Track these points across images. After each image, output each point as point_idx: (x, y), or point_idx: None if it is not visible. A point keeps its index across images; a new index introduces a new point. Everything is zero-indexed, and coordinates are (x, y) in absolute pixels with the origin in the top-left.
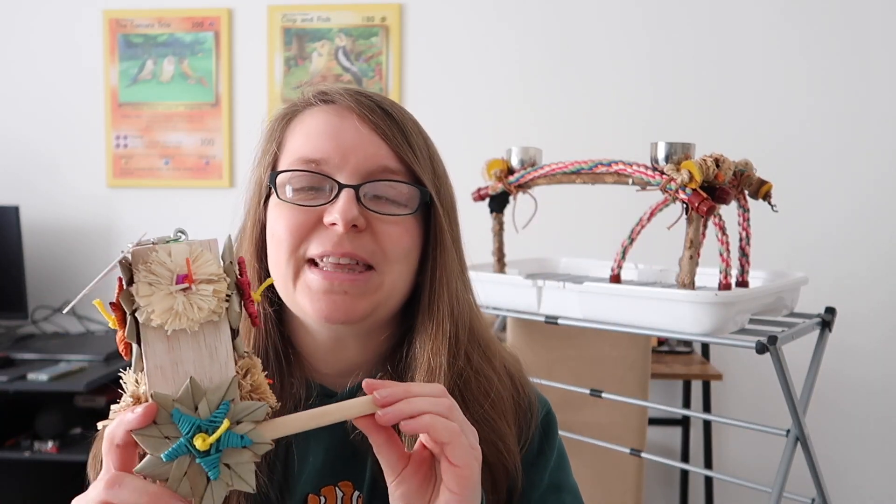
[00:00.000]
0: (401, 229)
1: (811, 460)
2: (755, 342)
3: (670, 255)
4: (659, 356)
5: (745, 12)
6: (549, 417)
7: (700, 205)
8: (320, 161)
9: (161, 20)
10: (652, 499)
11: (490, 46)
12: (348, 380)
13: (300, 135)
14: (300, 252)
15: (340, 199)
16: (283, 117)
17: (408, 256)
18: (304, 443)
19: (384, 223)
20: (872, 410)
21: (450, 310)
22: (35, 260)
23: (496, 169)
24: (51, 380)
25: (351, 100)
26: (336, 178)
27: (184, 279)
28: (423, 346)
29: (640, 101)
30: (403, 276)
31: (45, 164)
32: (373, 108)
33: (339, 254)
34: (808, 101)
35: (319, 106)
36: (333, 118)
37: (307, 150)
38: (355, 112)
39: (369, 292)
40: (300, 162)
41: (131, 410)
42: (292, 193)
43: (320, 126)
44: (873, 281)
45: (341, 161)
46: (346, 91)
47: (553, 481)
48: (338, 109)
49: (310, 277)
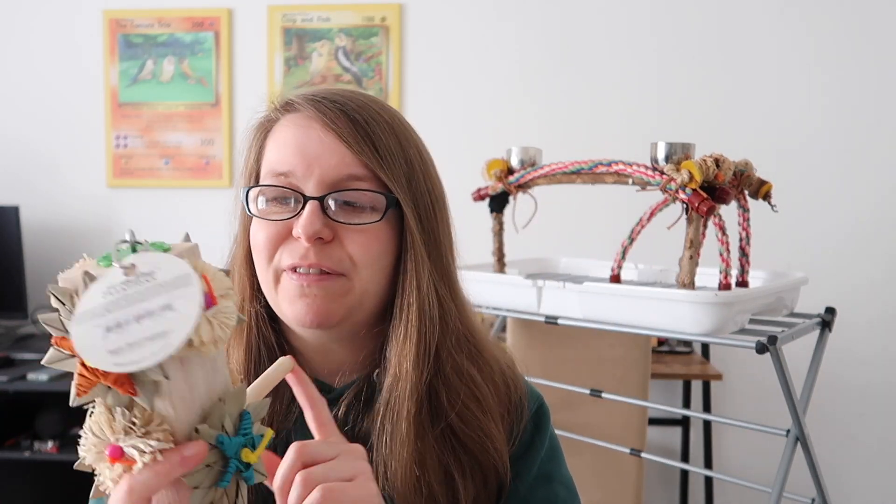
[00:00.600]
0: (368, 236)
1: (811, 460)
2: (755, 342)
3: (670, 255)
4: (659, 356)
5: (748, 12)
6: (542, 411)
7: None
8: (288, 174)
9: (161, 20)
10: (652, 499)
11: (490, 46)
12: (342, 378)
13: (273, 148)
14: (275, 262)
15: (304, 213)
16: (260, 128)
17: (378, 261)
18: (302, 434)
19: (351, 231)
20: (872, 411)
21: (418, 315)
22: (35, 260)
23: (496, 169)
24: (51, 380)
25: (312, 108)
26: (303, 190)
27: (211, 301)
28: (392, 352)
29: (640, 101)
30: (375, 280)
31: (45, 164)
32: (336, 115)
33: (306, 265)
34: (810, 102)
35: (287, 116)
36: (298, 129)
37: (277, 163)
38: (319, 121)
39: (340, 296)
40: (271, 175)
41: (179, 455)
42: (265, 205)
43: (287, 138)
44: (874, 282)
45: (306, 172)
46: (310, 98)
47: (544, 472)
48: (302, 118)
49: (285, 282)
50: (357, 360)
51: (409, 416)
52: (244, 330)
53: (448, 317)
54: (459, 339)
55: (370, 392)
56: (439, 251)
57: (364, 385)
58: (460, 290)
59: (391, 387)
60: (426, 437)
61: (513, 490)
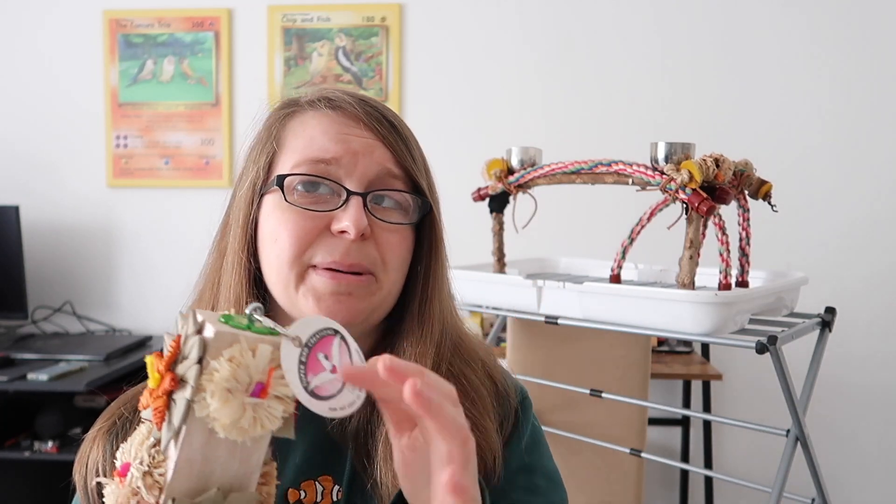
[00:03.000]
0: (400, 238)
1: (811, 460)
2: (755, 342)
3: (670, 255)
4: (659, 356)
5: (749, 12)
6: (525, 403)
7: (700, 205)
8: (330, 161)
9: (161, 20)
10: (652, 499)
11: (490, 46)
12: None
13: (304, 136)
14: (305, 258)
15: (351, 207)
16: (283, 113)
17: (403, 264)
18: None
19: (385, 231)
20: (872, 411)
21: (440, 317)
22: (35, 260)
23: (496, 169)
24: (51, 380)
25: (358, 108)
26: (343, 184)
27: (260, 392)
28: (411, 350)
29: (640, 101)
30: (398, 283)
31: (45, 164)
32: (379, 119)
33: (347, 264)
34: (810, 102)
35: (324, 110)
36: (340, 124)
37: (315, 151)
38: (362, 120)
39: (368, 295)
40: (308, 162)
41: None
42: (298, 197)
43: (327, 130)
44: (874, 282)
45: (350, 165)
46: (353, 98)
47: (524, 463)
48: (344, 116)
49: (316, 280)
50: None
51: None
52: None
53: (448, 318)
54: (453, 339)
55: None
56: (445, 254)
57: None
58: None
59: None
60: None
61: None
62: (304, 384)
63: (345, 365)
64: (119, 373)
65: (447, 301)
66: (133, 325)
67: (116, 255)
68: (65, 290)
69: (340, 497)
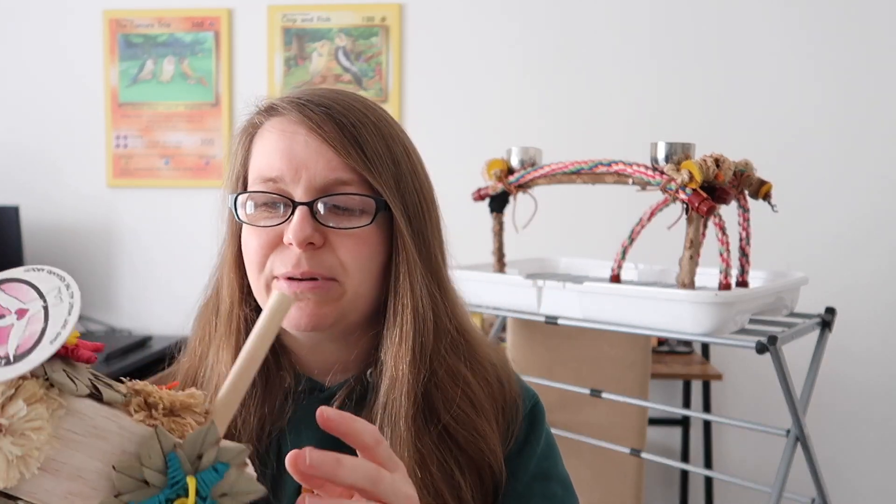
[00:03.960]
0: (358, 241)
1: (811, 460)
2: (755, 342)
3: (670, 255)
4: (659, 356)
5: (749, 12)
6: (536, 409)
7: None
8: (276, 179)
9: (161, 20)
10: (652, 499)
11: (490, 46)
12: (336, 376)
13: (260, 154)
14: (266, 270)
15: (294, 218)
16: (245, 132)
17: (368, 265)
18: (295, 433)
19: (341, 236)
20: (872, 411)
21: (413, 317)
22: (35, 260)
23: (496, 169)
24: None
25: (297, 112)
26: (291, 196)
27: None
28: (388, 354)
29: (640, 101)
30: (367, 283)
31: (45, 164)
32: (322, 119)
33: (299, 273)
34: (810, 102)
35: (271, 120)
36: (284, 134)
37: (264, 168)
38: (305, 125)
39: (332, 300)
40: (259, 181)
41: None
42: (253, 211)
43: (273, 143)
44: (874, 282)
45: (294, 177)
46: (294, 101)
47: (540, 470)
48: (287, 123)
49: (278, 289)
50: (350, 359)
51: (407, 418)
52: (234, 333)
53: (440, 318)
54: (452, 339)
55: (363, 391)
56: (430, 251)
57: (357, 384)
58: (452, 290)
59: (389, 389)
60: (424, 438)
61: (510, 489)
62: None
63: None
64: (119, 373)
65: (433, 297)
66: (133, 325)
67: (116, 255)
68: None
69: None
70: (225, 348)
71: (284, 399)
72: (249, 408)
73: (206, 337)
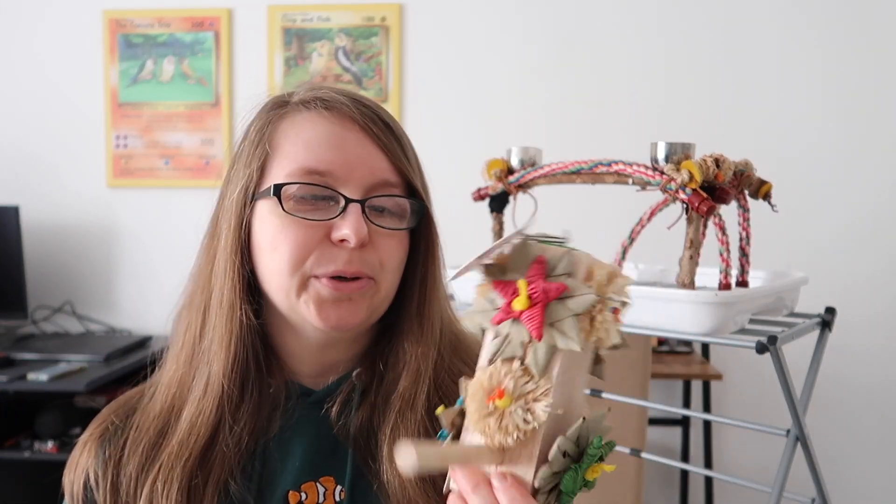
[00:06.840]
0: (397, 242)
1: (811, 460)
2: (755, 342)
3: (670, 255)
4: (659, 356)
5: (750, 13)
6: None
7: (700, 205)
8: (325, 173)
9: (161, 20)
10: (652, 499)
11: (490, 46)
12: (327, 378)
13: (299, 141)
14: (305, 267)
15: (350, 215)
16: (273, 115)
17: (400, 266)
18: (285, 440)
19: (383, 237)
20: (872, 411)
21: (440, 316)
22: (35, 260)
23: (496, 169)
24: (51, 380)
25: (353, 109)
26: (341, 192)
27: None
28: (412, 349)
29: (640, 101)
30: (395, 284)
31: (45, 164)
32: (374, 120)
33: (350, 272)
34: (810, 102)
35: (318, 111)
36: (336, 127)
37: (310, 160)
38: (358, 123)
39: (369, 298)
40: (304, 172)
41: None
42: (294, 205)
43: (322, 135)
44: (874, 281)
45: (346, 174)
46: (348, 99)
47: None
48: (339, 118)
49: (319, 288)
50: (346, 359)
51: (422, 414)
52: (230, 335)
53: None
54: (451, 338)
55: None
56: (441, 254)
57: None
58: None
59: (409, 386)
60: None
61: None
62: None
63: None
64: (119, 373)
65: (444, 301)
66: (133, 325)
67: (116, 255)
68: (65, 290)
69: (344, 497)
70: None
71: (272, 411)
72: (240, 420)
73: (193, 340)
